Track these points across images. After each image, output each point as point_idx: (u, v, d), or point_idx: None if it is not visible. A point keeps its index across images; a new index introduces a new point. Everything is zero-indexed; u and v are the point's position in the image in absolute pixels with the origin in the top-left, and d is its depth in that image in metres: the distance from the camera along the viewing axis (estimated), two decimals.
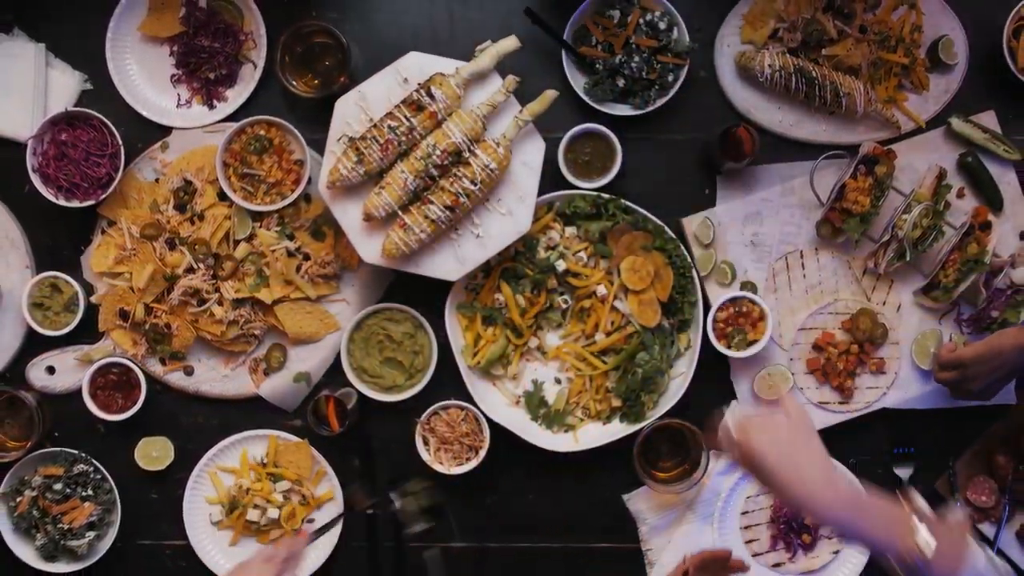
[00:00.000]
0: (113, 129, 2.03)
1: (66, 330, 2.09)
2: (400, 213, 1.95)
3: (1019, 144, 2.09)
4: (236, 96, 2.12)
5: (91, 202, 2.05)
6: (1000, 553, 2.11)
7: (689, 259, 2.08)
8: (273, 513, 2.09)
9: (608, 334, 2.08)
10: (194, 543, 2.12)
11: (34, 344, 2.13)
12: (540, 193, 2.01)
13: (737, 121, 2.07)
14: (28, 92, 2.09)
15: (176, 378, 2.13)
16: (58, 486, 2.08)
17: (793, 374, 2.10)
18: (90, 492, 2.09)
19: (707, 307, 2.09)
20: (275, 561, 1.81)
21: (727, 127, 2.03)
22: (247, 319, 2.10)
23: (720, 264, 2.11)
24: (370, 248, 1.99)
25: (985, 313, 2.05)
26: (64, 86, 2.11)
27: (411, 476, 2.02)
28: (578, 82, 2.09)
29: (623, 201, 2.07)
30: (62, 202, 2.04)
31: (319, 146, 2.05)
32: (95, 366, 2.08)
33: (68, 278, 2.09)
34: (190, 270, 2.07)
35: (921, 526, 1.45)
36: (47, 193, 2.03)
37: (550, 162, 2.05)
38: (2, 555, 2.10)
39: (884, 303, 2.11)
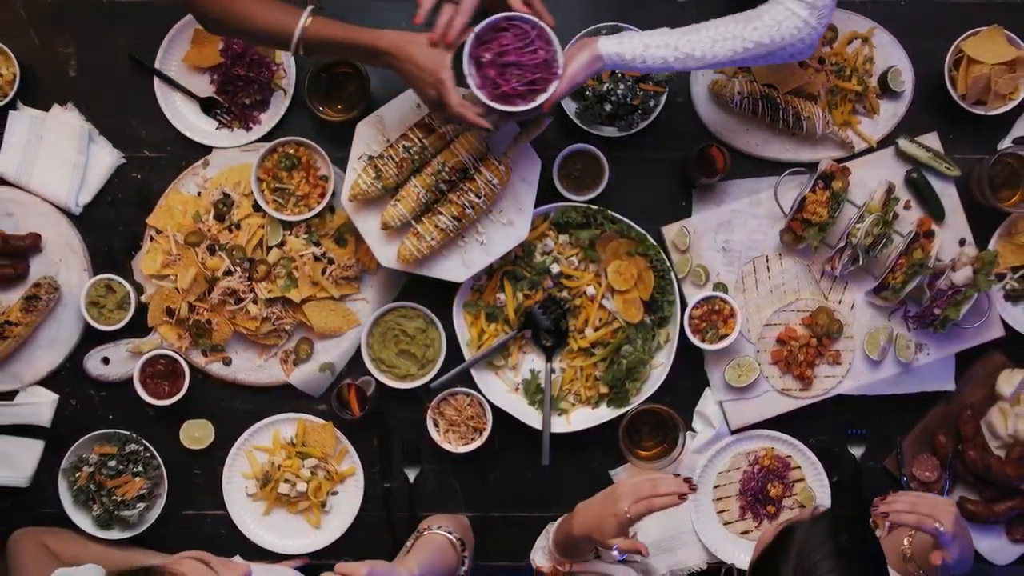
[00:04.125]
0: None
1: (119, 325, 2.09)
2: (413, 223, 1.96)
3: (959, 162, 2.10)
4: (269, 119, 2.13)
5: None
6: None
7: (668, 263, 2.08)
8: (301, 487, 2.09)
9: (596, 329, 2.09)
10: (232, 513, 2.13)
11: (91, 338, 2.13)
12: (537, 205, 2.02)
13: (710, 141, 2.07)
14: (70, 165, 2.10)
15: (216, 368, 2.13)
16: (112, 463, 2.08)
17: (759, 364, 2.11)
18: (140, 468, 2.09)
19: (684, 305, 2.09)
20: None
21: (702, 146, 2.04)
22: (278, 316, 2.10)
23: (695, 267, 2.11)
24: (387, 253, 2.00)
25: (929, 311, 2.05)
26: (102, 162, 2.12)
27: None
28: (570, 107, 2.10)
29: (610, 212, 2.07)
30: None
31: (342, 163, 2.05)
32: (144, 357, 2.08)
33: (121, 280, 2.09)
34: (228, 273, 2.07)
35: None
36: None
37: (546, 178, 2.06)
38: (63, 523, 2.09)
39: (840, 302, 2.12)
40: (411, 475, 2.15)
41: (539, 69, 1.73)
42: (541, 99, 1.73)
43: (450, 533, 1.90)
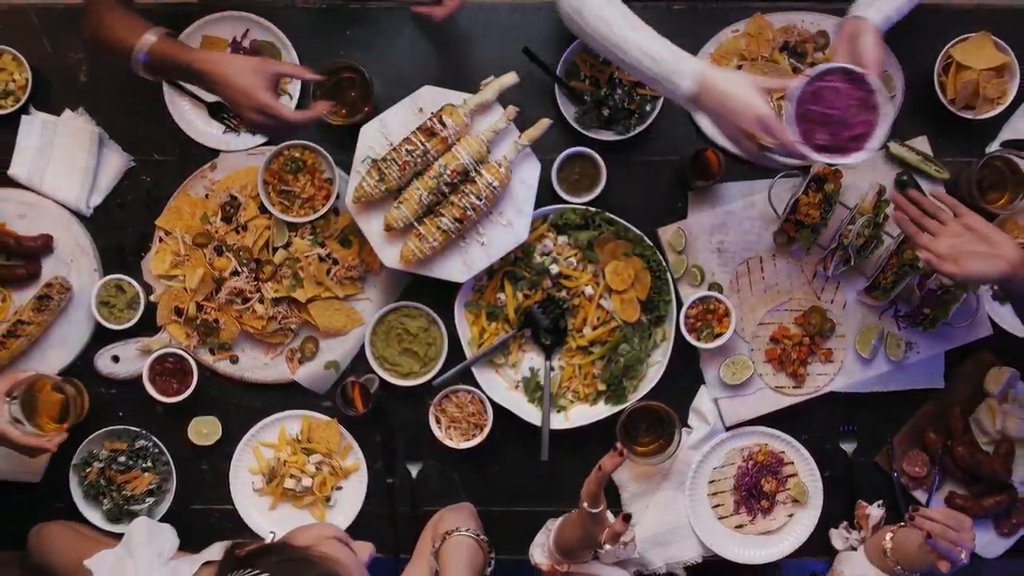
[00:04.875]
0: None
1: (129, 324, 2.10)
2: (416, 224, 1.98)
3: (948, 165, 2.11)
4: None
5: None
6: None
7: (664, 264, 2.10)
8: (307, 482, 2.10)
9: (595, 328, 2.10)
10: (239, 507, 2.14)
11: (101, 336, 2.13)
12: (536, 207, 2.03)
13: (706, 145, 2.08)
14: (81, 168, 2.12)
15: (223, 366, 2.14)
16: (122, 458, 2.09)
17: (753, 362, 2.12)
18: (149, 464, 2.11)
19: (680, 305, 2.10)
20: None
21: (697, 150, 2.05)
22: (284, 315, 2.11)
23: (691, 268, 2.13)
24: (390, 254, 2.02)
25: (919, 310, 2.06)
26: (112, 164, 2.14)
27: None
28: (569, 111, 2.11)
29: (608, 214, 2.09)
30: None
31: (346, 166, 2.06)
32: (154, 355, 2.09)
33: (131, 280, 2.10)
34: (235, 273, 2.09)
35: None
36: None
37: (545, 180, 2.07)
38: (73, 517, 2.10)
39: (832, 301, 2.13)
40: (413, 470, 2.16)
41: (853, 90, 1.71)
42: (881, 101, 1.69)
43: (478, 536, 1.91)
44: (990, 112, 2.11)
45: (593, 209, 2.10)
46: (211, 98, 2.16)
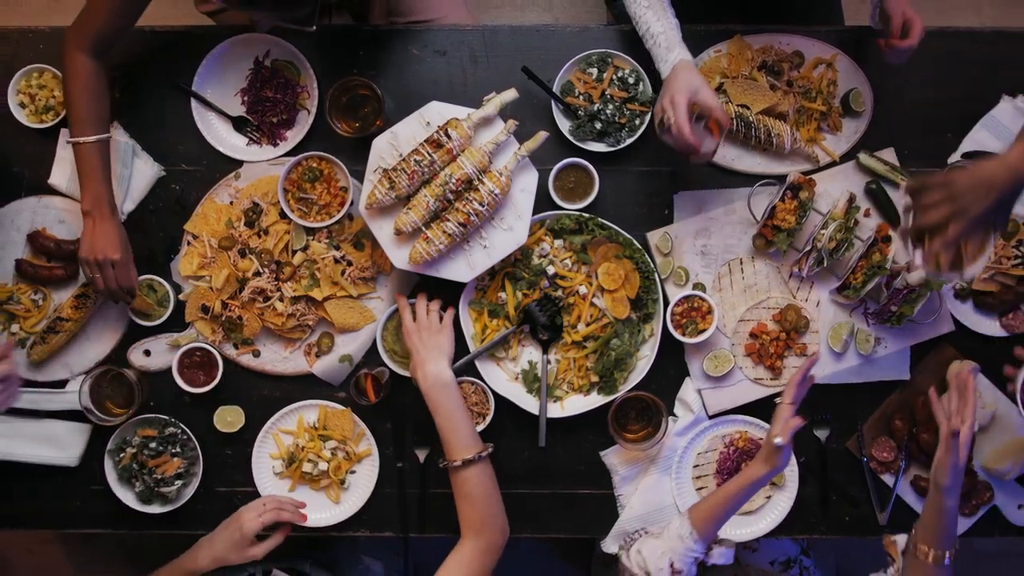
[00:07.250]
0: None
1: (159, 321, 2.14)
2: (423, 229, 2.01)
3: (913, 174, 2.13)
4: (294, 136, 2.17)
5: None
6: (898, 499, 2.16)
7: (652, 265, 2.12)
8: (323, 466, 2.14)
9: (588, 324, 2.13)
10: (260, 490, 2.16)
11: (134, 332, 2.17)
12: (534, 212, 2.05)
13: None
14: (115, 177, 2.12)
15: (246, 359, 2.17)
16: (153, 444, 2.13)
17: (734, 356, 2.14)
18: (178, 449, 2.14)
19: (666, 303, 2.13)
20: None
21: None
22: (302, 313, 2.14)
23: (677, 269, 2.15)
24: (400, 256, 2.04)
25: (886, 308, 2.09)
26: (144, 174, 2.17)
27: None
28: (564, 125, 2.14)
29: (600, 219, 2.11)
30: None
31: (359, 175, 2.10)
32: (182, 349, 2.12)
33: (161, 280, 2.14)
34: (257, 274, 2.12)
35: None
36: None
37: (542, 188, 2.11)
38: (108, 498, 2.15)
39: (806, 300, 2.16)
40: (421, 455, 2.18)
41: None
42: None
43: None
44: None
45: (587, 215, 2.12)
46: (236, 113, 2.21)
